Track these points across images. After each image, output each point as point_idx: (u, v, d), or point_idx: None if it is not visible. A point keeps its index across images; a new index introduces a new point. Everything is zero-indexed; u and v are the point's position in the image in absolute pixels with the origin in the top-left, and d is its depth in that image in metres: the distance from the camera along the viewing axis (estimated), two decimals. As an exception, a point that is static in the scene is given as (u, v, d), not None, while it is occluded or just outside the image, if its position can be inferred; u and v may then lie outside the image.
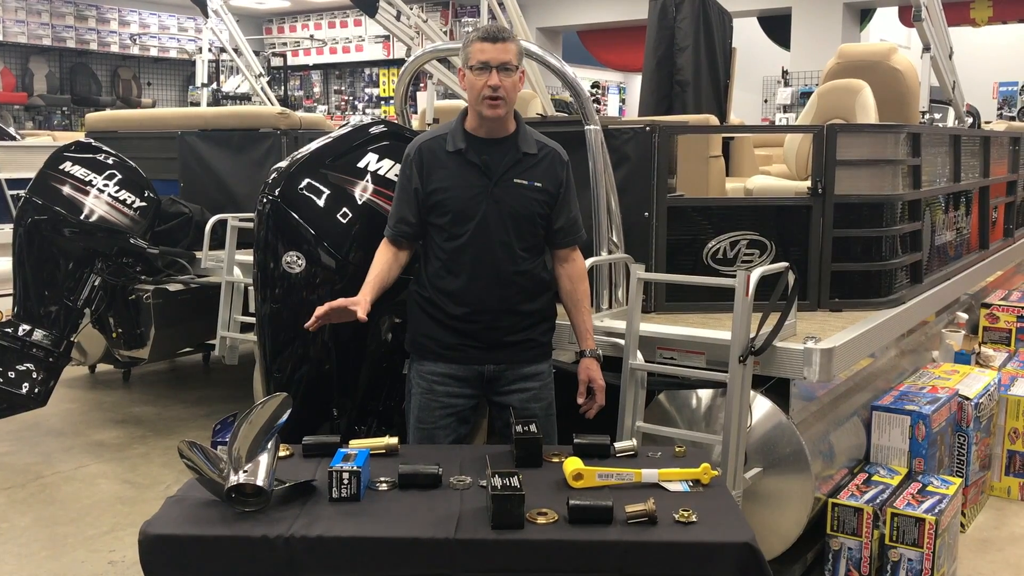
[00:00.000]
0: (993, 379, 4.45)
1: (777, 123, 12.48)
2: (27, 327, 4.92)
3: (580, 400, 3.07)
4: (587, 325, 3.12)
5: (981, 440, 4.29)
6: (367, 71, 16.89)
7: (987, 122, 8.72)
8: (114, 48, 14.90)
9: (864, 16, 12.84)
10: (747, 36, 11.61)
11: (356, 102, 17.12)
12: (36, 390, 4.88)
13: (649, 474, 2.42)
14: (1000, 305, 5.63)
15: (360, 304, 2.83)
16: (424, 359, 3.03)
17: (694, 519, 2.19)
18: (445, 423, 3.01)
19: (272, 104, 8.35)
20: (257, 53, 9.92)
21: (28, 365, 4.87)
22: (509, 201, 2.93)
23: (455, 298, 2.96)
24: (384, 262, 3.00)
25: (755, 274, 3.07)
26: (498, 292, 2.95)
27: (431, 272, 3.01)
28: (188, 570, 2.16)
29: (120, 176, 5.17)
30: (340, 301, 2.84)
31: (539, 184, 2.97)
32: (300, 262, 3.23)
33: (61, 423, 5.68)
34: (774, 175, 5.35)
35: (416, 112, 9.21)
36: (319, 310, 2.83)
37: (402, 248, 3.03)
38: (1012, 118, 13.47)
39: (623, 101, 18.41)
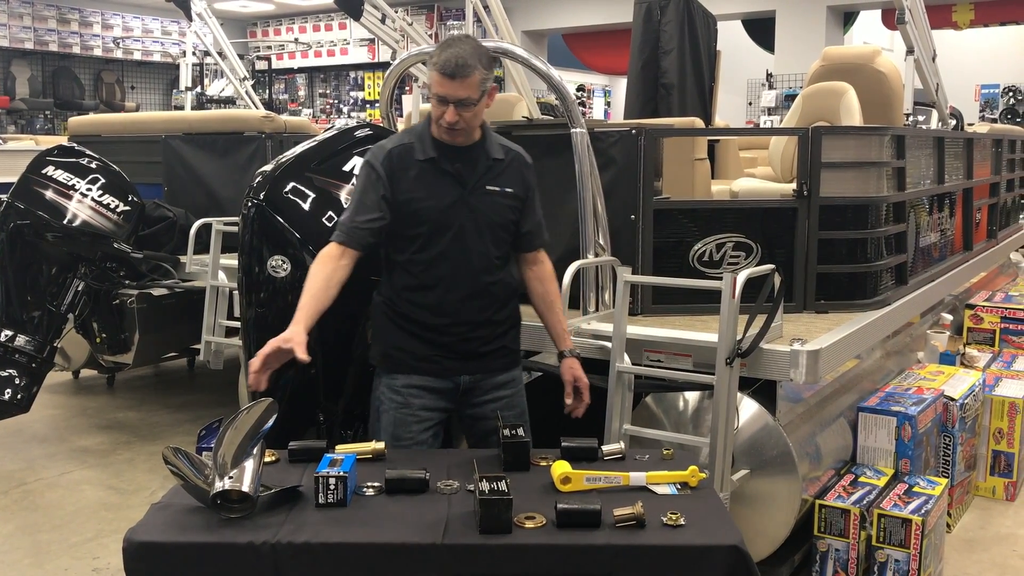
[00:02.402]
0: (978, 380, 4.47)
1: (761, 125, 12.53)
2: (9, 332, 4.88)
3: (568, 400, 3.04)
4: (563, 325, 3.09)
5: (966, 440, 4.31)
6: (352, 74, 16.86)
7: (969, 124, 8.78)
8: (97, 52, 14.80)
9: (847, 19, 12.91)
10: (731, 39, 11.65)
11: (341, 105, 17.08)
12: (19, 396, 4.84)
13: (637, 477, 2.42)
14: (984, 306, 5.66)
15: (296, 342, 2.60)
16: (397, 372, 2.93)
17: (682, 522, 2.18)
18: (424, 438, 2.91)
19: (257, 108, 8.32)
20: (241, 56, 9.90)
21: (11, 371, 4.83)
22: (484, 209, 2.87)
23: (431, 311, 2.87)
24: (322, 280, 2.77)
25: (741, 276, 3.07)
26: (475, 303, 2.89)
27: (402, 285, 2.90)
28: (173, 577, 2.14)
29: (103, 180, 5.14)
30: (273, 343, 2.61)
31: (510, 190, 2.92)
32: (285, 266, 3.21)
33: (44, 429, 5.63)
34: (759, 177, 5.36)
35: (401, 115, 9.20)
36: (254, 363, 2.60)
37: (349, 256, 2.82)
38: (994, 120, 13.57)
39: (608, 104, 18.43)
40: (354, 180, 3.30)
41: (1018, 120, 13.83)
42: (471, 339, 2.91)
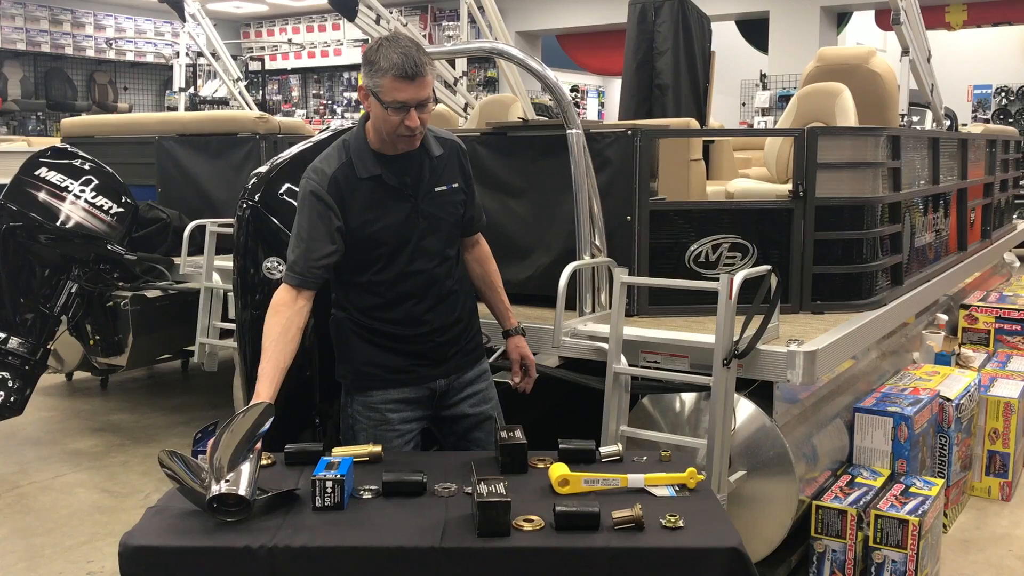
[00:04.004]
0: (973, 380, 4.47)
1: (755, 126, 12.55)
2: (2, 335, 4.86)
3: (515, 379, 3.04)
4: (506, 303, 3.08)
5: (962, 441, 4.31)
6: (346, 75, 16.86)
7: (963, 125, 8.81)
8: (90, 52, 14.78)
9: (841, 19, 12.94)
10: (725, 40, 11.67)
11: (335, 106, 17.08)
12: (12, 399, 4.82)
13: (635, 479, 2.41)
14: (979, 306, 5.67)
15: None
16: (372, 389, 2.83)
17: (681, 524, 2.18)
18: (405, 451, 2.85)
19: (250, 109, 8.30)
20: (235, 57, 9.87)
21: (4, 373, 4.81)
22: (437, 213, 2.79)
23: (401, 324, 2.80)
24: (278, 334, 2.58)
25: (738, 277, 3.07)
26: (444, 307, 2.85)
27: (367, 305, 2.80)
28: (169, 582, 2.13)
29: (97, 182, 5.12)
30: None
31: (456, 184, 2.84)
32: (280, 267, 3.19)
33: (38, 432, 5.61)
34: (754, 178, 5.37)
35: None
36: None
37: (304, 298, 2.67)
38: (986, 120, 13.62)
39: (602, 105, 18.45)
40: None
41: (1010, 120, 13.88)
42: (442, 343, 2.87)
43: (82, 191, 5.04)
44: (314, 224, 2.69)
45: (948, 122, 6.01)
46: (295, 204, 3.24)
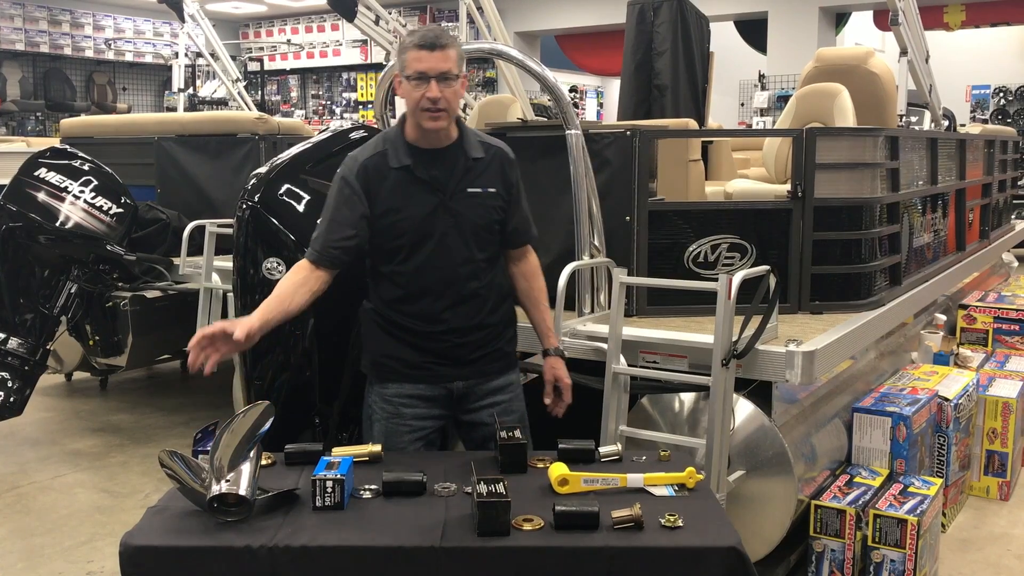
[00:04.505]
0: (972, 380, 4.48)
1: (754, 126, 12.56)
2: (2, 335, 4.87)
3: (547, 400, 2.98)
4: (548, 323, 3.02)
5: (960, 440, 4.32)
6: (345, 75, 16.85)
7: (961, 125, 8.82)
8: (88, 53, 14.77)
9: (839, 20, 12.95)
10: (724, 40, 11.68)
11: (334, 107, 17.07)
12: (11, 399, 4.83)
13: (634, 479, 2.42)
14: (977, 306, 5.68)
15: (241, 324, 2.51)
16: (388, 381, 2.86)
17: (680, 523, 2.18)
18: (415, 448, 2.85)
19: (250, 109, 8.31)
20: (234, 58, 9.86)
21: (3, 374, 4.82)
22: (466, 213, 2.78)
23: (421, 319, 2.81)
24: (290, 286, 2.69)
25: (737, 277, 3.08)
26: (464, 309, 2.82)
27: (390, 296, 2.83)
28: (170, 581, 2.13)
29: (96, 182, 5.13)
30: (217, 325, 2.51)
31: (493, 189, 2.82)
32: (281, 268, 3.20)
33: (37, 432, 5.61)
34: (752, 178, 5.37)
35: (395, 117, 9.15)
36: (192, 340, 2.47)
37: (321, 273, 2.74)
38: (985, 121, 13.63)
39: (601, 105, 18.45)
40: None
41: (1008, 121, 13.89)
42: (463, 344, 2.84)
43: (81, 192, 5.04)
44: (339, 208, 2.77)
45: (946, 122, 6.02)
46: (295, 205, 3.26)
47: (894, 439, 3.75)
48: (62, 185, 5.03)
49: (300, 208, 3.27)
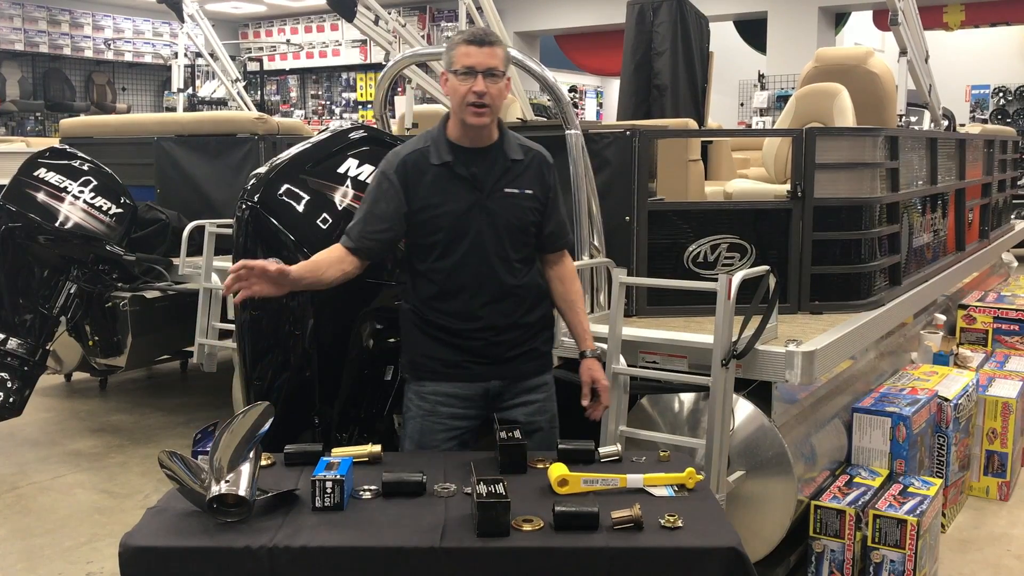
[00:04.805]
0: (971, 380, 4.48)
1: (753, 126, 12.56)
2: (1, 335, 4.86)
3: (585, 402, 2.97)
4: (585, 326, 3.02)
5: (960, 441, 4.32)
6: (344, 75, 16.85)
7: (961, 125, 8.82)
8: (88, 53, 14.77)
9: (839, 20, 12.96)
10: (723, 40, 11.68)
11: (333, 107, 17.07)
12: (11, 399, 4.82)
13: (634, 479, 2.41)
14: (976, 306, 5.68)
15: (280, 268, 2.59)
16: (425, 380, 2.88)
17: (680, 524, 2.18)
18: (448, 447, 2.86)
19: (249, 109, 8.31)
20: (233, 58, 9.86)
21: (3, 374, 4.81)
22: (502, 213, 2.80)
23: (457, 316, 2.83)
24: (326, 259, 2.78)
25: (736, 277, 3.08)
26: (499, 307, 2.84)
27: (427, 293, 2.85)
28: (169, 582, 2.13)
29: (96, 182, 5.12)
30: (259, 261, 2.58)
31: (530, 191, 2.85)
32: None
33: (37, 433, 5.61)
34: (752, 178, 5.38)
35: (395, 117, 9.18)
36: (232, 267, 2.56)
37: (354, 259, 2.80)
38: (984, 121, 13.64)
39: (600, 105, 18.46)
40: (348, 182, 3.30)
41: (1008, 121, 13.90)
42: (499, 343, 2.86)
43: (81, 192, 5.04)
44: (377, 201, 2.82)
45: (946, 122, 6.02)
46: (294, 205, 3.26)
47: (894, 439, 3.75)
48: (61, 185, 5.03)
49: (299, 208, 3.27)
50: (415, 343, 2.92)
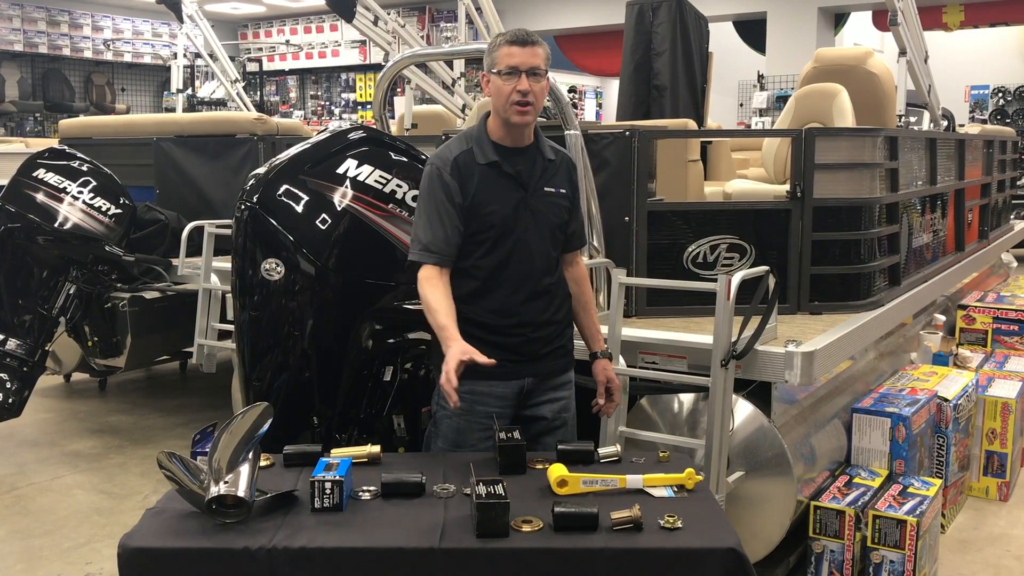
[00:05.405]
0: (971, 380, 4.48)
1: (753, 127, 12.57)
2: (1, 336, 4.85)
3: (600, 401, 3.02)
4: (597, 326, 3.08)
5: (960, 441, 4.32)
6: (343, 76, 16.85)
7: (960, 125, 8.82)
8: (87, 54, 14.76)
9: (838, 20, 12.96)
10: (722, 40, 11.68)
11: (333, 107, 17.07)
12: (10, 400, 4.82)
13: (634, 480, 2.41)
14: (976, 306, 5.68)
15: (470, 351, 2.63)
16: (461, 378, 2.73)
17: (679, 525, 2.18)
18: (486, 446, 2.81)
19: (248, 110, 8.31)
20: (232, 58, 9.88)
21: (2, 375, 4.81)
22: (543, 211, 2.87)
23: (494, 313, 2.84)
24: (442, 295, 2.78)
25: (736, 278, 3.07)
26: (535, 304, 2.87)
27: (468, 291, 2.85)
28: (168, 583, 2.13)
29: (95, 183, 5.12)
30: (456, 359, 2.60)
31: (563, 190, 2.93)
32: (279, 269, 3.20)
33: (36, 433, 5.60)
34: (751, 179, 5.37)
35: (394, 117, 9.19)
36: (448, 383, 2.59)
37: (447, 271, 2.83)
38: (984, 121, 13.64)
39: (600, 106, 18.45)
40: (347, 182, 3.27)
41: (1007, 121, 13.90)
42: (534, 340, 2.89)
43: (80, 192, 5.04)
44: (440, 203, 2.82)
45: (945, 123, 6.02)
46: (294, 205, 3.25)
47: (893, 440, 3.75)
48: (61, 186, 5.02)
49: (299, 209, 3.26)
50: None
